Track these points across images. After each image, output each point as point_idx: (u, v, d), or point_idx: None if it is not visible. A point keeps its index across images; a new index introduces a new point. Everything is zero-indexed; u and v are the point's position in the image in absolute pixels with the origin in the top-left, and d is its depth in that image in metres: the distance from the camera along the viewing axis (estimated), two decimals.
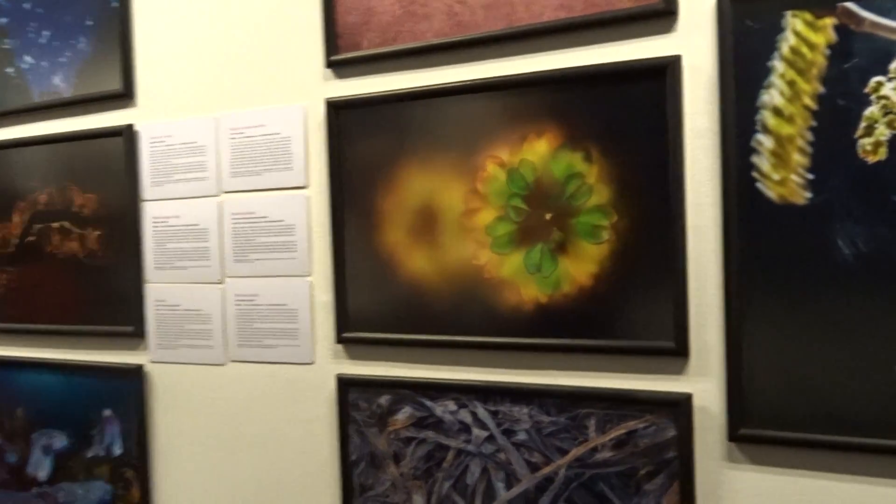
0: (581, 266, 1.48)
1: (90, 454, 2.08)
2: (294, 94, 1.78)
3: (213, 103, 1.88)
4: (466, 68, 1.59)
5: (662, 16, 1.42)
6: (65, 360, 2.11)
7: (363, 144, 1.67)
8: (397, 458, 1.66)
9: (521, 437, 1.54)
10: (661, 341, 1.43)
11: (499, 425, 1.56)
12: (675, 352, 1.41)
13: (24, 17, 2.16)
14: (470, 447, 1.59)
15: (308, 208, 1.76)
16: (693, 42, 1.39)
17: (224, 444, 1.89)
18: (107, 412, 2.04)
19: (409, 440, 1.65)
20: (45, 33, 2.13)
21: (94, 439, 2.07)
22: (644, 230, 1.43)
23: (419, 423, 1.64)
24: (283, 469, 1.81)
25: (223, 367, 1.89)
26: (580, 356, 1.50)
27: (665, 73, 1.40)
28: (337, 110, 1.70)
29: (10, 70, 2.19)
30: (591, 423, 1.48)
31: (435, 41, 1.60)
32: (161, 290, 1.96)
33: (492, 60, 1.56)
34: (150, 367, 1.99)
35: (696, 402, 1.41)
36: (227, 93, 1.86)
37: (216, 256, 1.88)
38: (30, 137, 2.15)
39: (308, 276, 1.77)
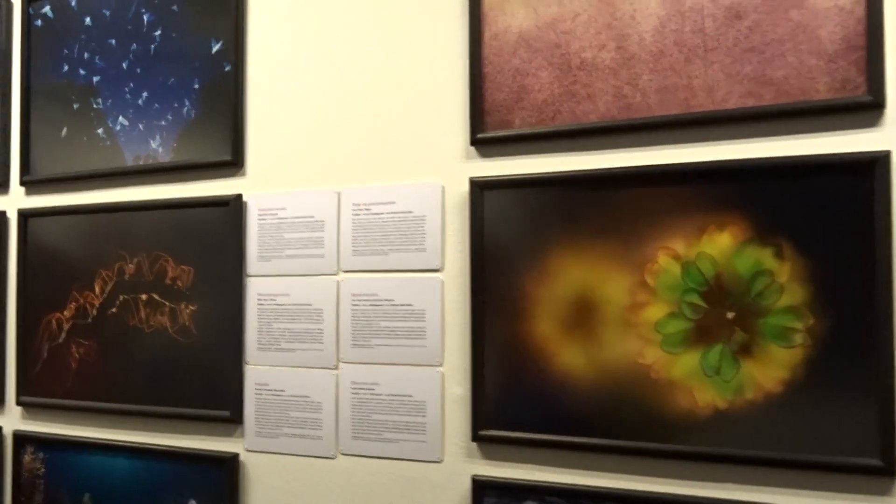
0: (768, 371, 1.38)
1: None
2: (430, 170, 1.69)
3: (334, 176, 1.79)
4: (635, 153, 1.50)
5: (868, 108, 1.34)
6: (144, 443, 1.98)
7: (509, 227, 1.58)
8: None
9: None
10: (864, 458, 1.32)
11: None
12: (882, 470, 1.30)
13: (120, 77, 2.07)
14: None
15: (442, 293, 1.65)
16: None
17: None
18: (192, 502, 1.89)
19: None
20: (144, 94, 2.04)
21: None
22: (845, 336, 1.33)
23: None
24: None
25: (332, 461, 1.76)
26: (766, 470, 1.39)
27: (873, 169, 1.32)
28: (482, 190, 1.60)
29: (100, 131, 2.10)
30: None
31: (600, 123, 1.51)
32: (263, 373, 1.84)
33: (665, 147, 1.48)
34: (245, 456, 1.86)
35: None
36: (351, 166, 1.77)
37: (331, 340, 1.77)
38: (119, 203, 2.04)
39: (439, 366, 1.65)
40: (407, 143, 1.72)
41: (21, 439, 2.17)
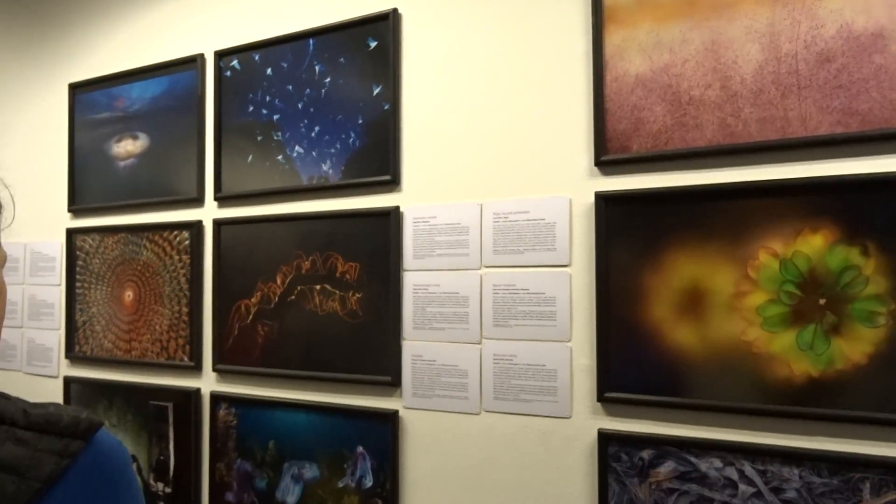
0: (855, 346, 1.33)
1: (340, 484, 1.91)
2: (559, 186, 1.66)
3: (477, 191, 1.77)
4: (738, 171, 1.46)
5: None
6: (319, 401, 1.96)
7: (628, 232, 1.55)
8: None
9: (791, 494, 1.37)
10: None
11: (766, 483, 1.39)
12: None
13: (296, 115, 2.06)
14: (736, 501, 1.42)
15: (570, 284, 1.62)
16: None
17: (474, 484, 1.72)
18: (360, 449, 1.88)
19: (671, 491, 1.48)
20: (316, 128, 2.03)
21: (346, 471, 1.90)
22: None
23: (682, 477, 1.47)
24: None
25: (477, 416, 1.73)
26: (854, 426, 1.33)
27: None
28: (605, 202, 1.57)
29: (280, 157, 2.09)
30: (866, 487, 1.31)
31: (707, 147, 1.47)
32: (418, 347, 1.82)
33: (765, 166, 1.43)
34: (403, 413, 1.83)
35: None
36: (492, 183, 1.75)
37: (475, 320, 1.74)
38: (296, 213, 2.03)
39: (568, 341, 1.62)
40: (539, 164, 1.70)
41: (216, 398, 2.17)
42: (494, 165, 1.76)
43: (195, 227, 2.26)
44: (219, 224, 2.21)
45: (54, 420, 0.63)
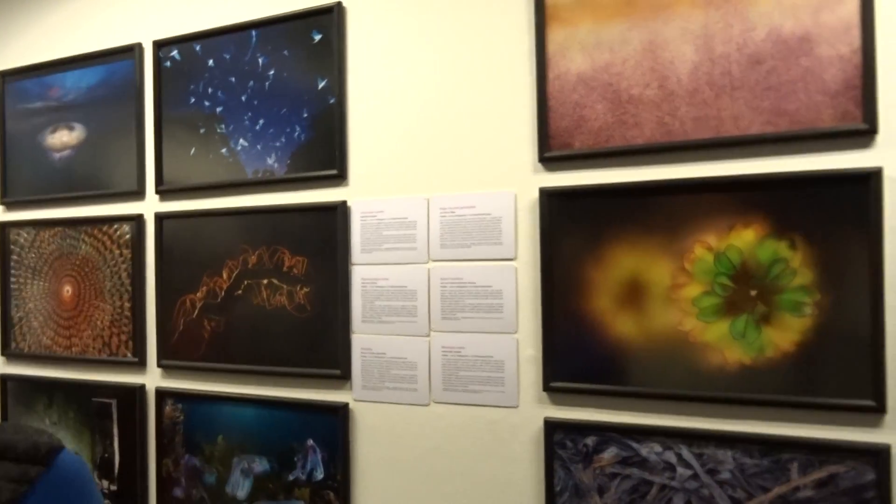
0: (784, 335, 1.42)
1: (291, 477, 1.93)
2: (503, 181, 1.71)
3: (423, 186, 1.80)
4: (675, 168, 1.53)
5: (863, 134, 1.38)
6: (268, 396, 1.97)
7: (571, 226, 1.61)
8: (601, 491, 1.56)
9: (725, 476, 1.46)
10: (860, 399, 1.37)
11: (703, 465, 1.48)
12: (875, 409, 1.36)
13: (240, 107, 2.06)
14: (674, 483, 1.50)
15: (516, 277, 1.67)
16: (892, 156, 1.36)
17: (425, 473, 1.77)
18: (310, 442, 1.91)
19: (613, 475, 1.56)
20: (261, 121, 2.03)
21: (297, 464, 1.93)
22: (844, 307, 1.37)
23: (624, 462, 1.55)
24: (484, 497, 1.70)
25: (427, 408, 1.78)
26: (783, 410, 1.43)
27: (868, 180, 1.36)
28: (549, 197, 1.62)
29: (224, 151, 2.08)
30: (794, 467, 1.41)
31: (646, 144, 1.54)
32: (367, 340, 1.85)
33: (700, 163, 1.51)
34: (353, 405, 1.87)
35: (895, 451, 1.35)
36: (438, 178, 1.79)
37: (424, 313, 1.78)
38: (241, 207, 2.03)
39: (514, 333, 1.68)
40: (484, 159, 1.74)
41: (162, 394, 2.16)
42: (441, 160, 1.80)
43: (136, 221, 2.23)
44: (160, 218, 2.19)
45: (11, 445, 0.63)
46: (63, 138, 2.41)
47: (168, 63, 2.20)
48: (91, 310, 2.33)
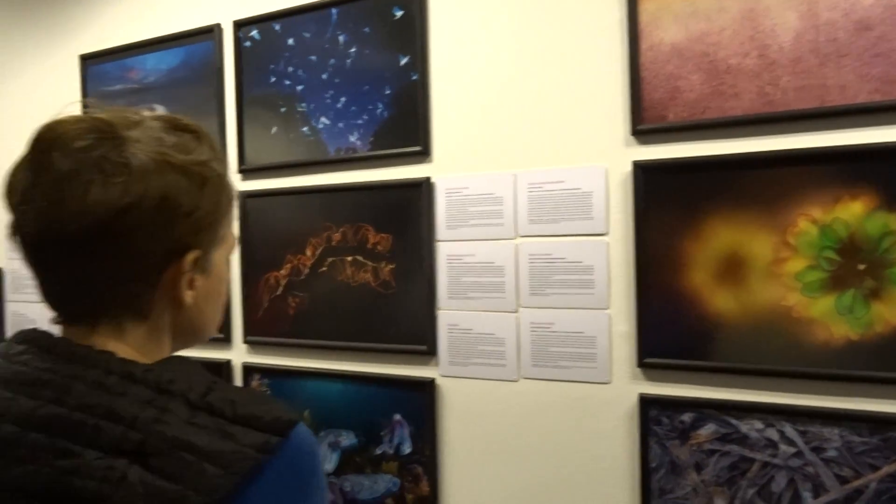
0: (895, 310, 1.37)
1: (378, 451, 1.97)
2: (594, 155, 1.69)
3: (510, 161, 1.79)
4: (777, 139, 1.49)
5: None
6: (354, 371, 2.00)
7: (666, 200, 1.58)
8: (699, 468, 1.55)
9: (831, 454, 1.43)
10: None
11: (807, 443, 1.46)
12: None
13: (321, 86, 2.07)
14: (776, 461, 1.48)
15: (607, 252, 1.66)
16: None
17: (513, 448, 1.79)
18: (396, 416, 1.94)
19: (711, 452, 1.54)
20: (342, 99, 2.04)
21: (383, 439, 1.96)
22: None
23: (723, 438, 1.53)
24: (574, 472, 1.71)
25: (515, 384, 1.78)
26: (892, 386, 1.39)
27: None
28: (643, 171, 1.60)
29: (305, 129, 2.10)
30: None
31: (745, 115, 1.50)
32: (453, 316, 1.86)
33: (804, 134, 1.46)
34: (440, 381, 1.89)
35: None
36: (524, 153, 1.78)
37: (511, 289, 1.78)
38: (324, 185, 2.05)
39: (606, 308, 1.67)
40: (573, 133, 1.72)
41: (248, 369, 2.21)
42: (528, 135, 1.79)
43: None
44: (244, 196, 2.22)
45: (257, 415, 0.65)
46: None
47: (248, 43, 2.22)
48: None
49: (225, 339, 2.27)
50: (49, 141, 0.67)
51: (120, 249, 0.66)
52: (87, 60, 2.61)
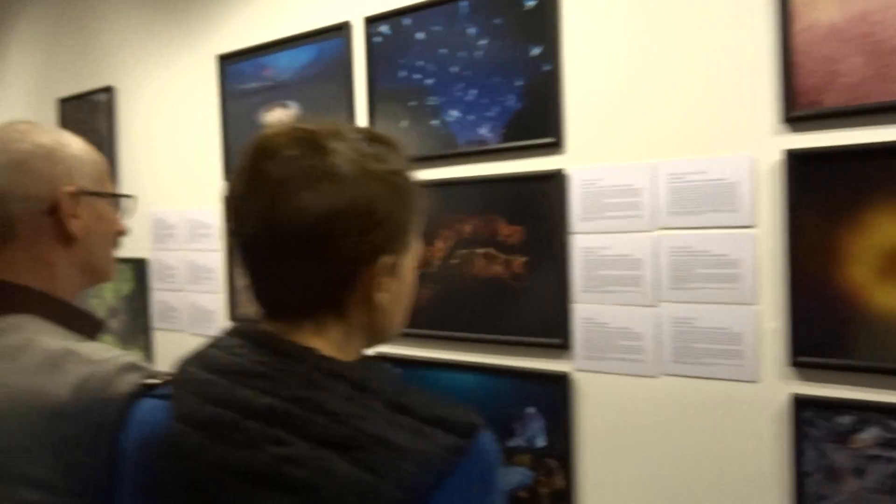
0: None
1: (511, 444, 1.96)
2: (739, 144, 1.61)
3: (647, 151, 1.74)
4: None
5: None
6: (486, 363, 2.01)
7: (822, 190, 1.50)
8: (860, 474, 1.46)
9: None
10: None
11: None
12: None
13: (451, 79, 2.08)
14: None
15: (754, 245, 1.58)
16: None
17: (652, 446, 1.75)
18: (530, 410, 1.93)
19: (874, 458, 1.46)
20: (472, 92, 2.03)
21: (516, 432, 1.95)
22: None
23: (889, 444, 1.43)
24: (718, 472, 1.65)
25: (654, 380, 1.74)
26: None
27: None
28: (797, 160, 1.51)
29: (435, 122, 2.11)
30: None
31: None
32: (589, 310, 1.83)
33: None
34: (575, 375, 1.86)
35: None
36: (663, 143, 1.72)
37: (649, 283, 1.74)
38: (454, 178, 2.06)
39: (753, 304, 1.60)
40: (715, 122, 1.66)
41: (380, 359, 2.24)
42: (667, 125, 1.73)
43: None
44: None
45: (444, 417, 0.69)
46: (278, 116, 2.54)
47: (378, 39, 2.26)
48: None
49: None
50: (262, 150, 0.74)
51: (325, 253, 0.71)
52: (224, 60, 2.72)
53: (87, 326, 1.04)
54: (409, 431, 0.66)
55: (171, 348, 2.97)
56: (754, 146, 1.61)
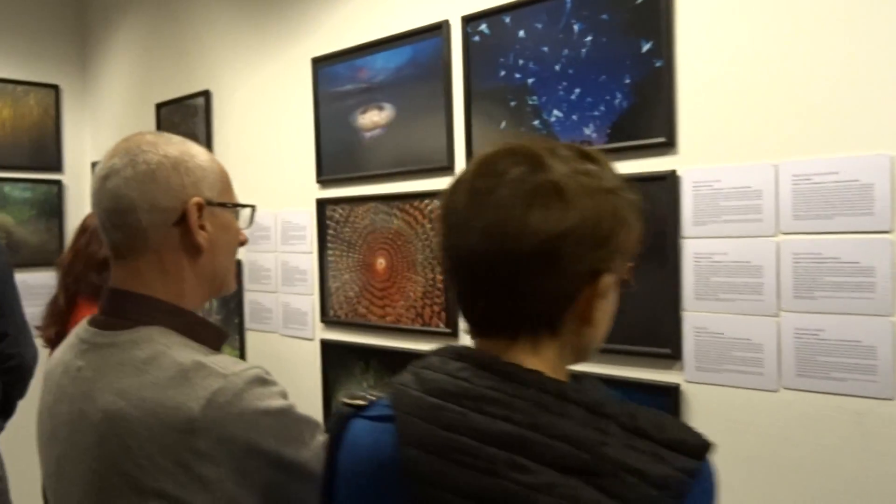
0: None
1: None
2: (875, 143, 1.49)
3: (769, 151, 1.64)
4: None
5: None
6: (591, 372, 1.91)
7: None
8: None
9: None
10: None
11: None
12: None
13: (553, 77, 2.01)
14: None
15: (893, 252, 1.46)
16: None
17: (772, 462, 1.65)
18: None
19: None
20: (577, 90, 1.96)
21: None
22: None
23: None
24: (844, 494, 1.52)
25: (774, 394, 1.64)
26: None
27: None
28: None
29: (536, 123, 2.05)
30: None
31: None
32: (701, 319, 1.74)
33: None
34: (685, 387, 1.77)
35: None
36: (786, 142, 1.62)
37: (771, 291, 1.63)
38: None
39: (891, 315, 1.47)
40: (847, 119, 1.55)
41: None
42: (792, 122, 1.63)
43: None
44: None
45: (682, 440, 0.69)
46: (373, 118, 2.53)
47: (476, 37, 2.21)
48: (403, 281, 2.44)
49: (451, 334, 2.29)
50: (485, 168, 0.76)
51: (550, 270, 0.72)
52: (318, 63, 2.73)
53: (213, 337, 1.04)
54: (649, 455, 0.66)
55: (264, 349, 3.01)
56: (893, 145, 1.49)
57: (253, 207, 1.16)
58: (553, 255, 0.71)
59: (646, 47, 1.85)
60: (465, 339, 0.71)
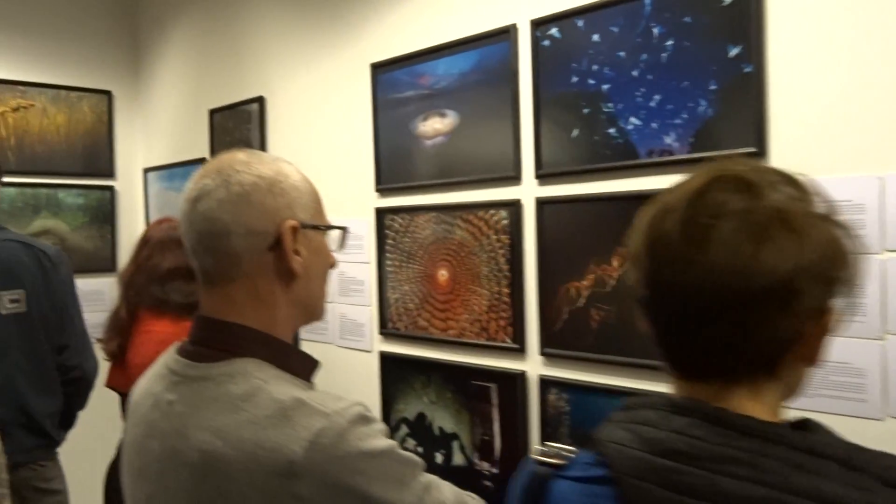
0: None
1: None
2: None
3: (874, 162, 1.53)
4: None
5: None
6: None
7: None
8: None
9: None
10: None
11: None
12: None
13: (631, 84, 1.92)
14: None
15: None
16: None
17: None
18: None
19: None
20: (656, 97, 1.87)
21: None
22: None
23: None
24: None
25: (879, 423, 1.53)
26: None
27: None
28: None
29: (611, 131, 1.96)
30: None
31: None
32: None
33: None
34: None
35: None
36: (891, 153, 1.50)
37: (875, 313, 1.52)
38: (634, 191, 1.90)
39: None
40: None
41: (545, 382, 2.13)
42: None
43: (514, 206, 2.21)
44: (542, 203, 2.14)
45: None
46: (435, 125, 2.47)
47: (546, 42, 2.13)
48: (467, 294, 2.37)
49: (518, 350, 2.21)
50: (699, 198, 0.71)
51: (783, 309, 0.68)
52: (377, 69, 2.67)
53: (306, 367, 0.98)
54: (857, 489, 0.63)
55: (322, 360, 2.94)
56: None
57: (345, 229, 1.09)
58: (788, 294, 0.67)
59: (733, 51, 1.76)
60: (534, 355, 0.64)
